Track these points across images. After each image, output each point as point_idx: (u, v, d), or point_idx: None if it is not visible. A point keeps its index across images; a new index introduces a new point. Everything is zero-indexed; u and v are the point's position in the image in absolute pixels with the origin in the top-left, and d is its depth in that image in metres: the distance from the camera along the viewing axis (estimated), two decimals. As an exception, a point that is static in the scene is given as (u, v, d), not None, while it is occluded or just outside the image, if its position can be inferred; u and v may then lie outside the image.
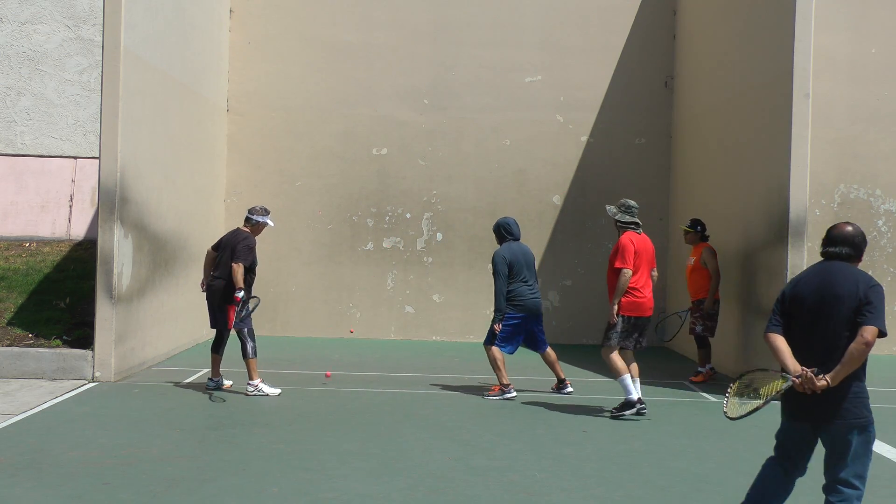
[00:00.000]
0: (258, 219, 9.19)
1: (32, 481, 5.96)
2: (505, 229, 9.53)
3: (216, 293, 9.08)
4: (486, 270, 14.11)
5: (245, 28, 14.06)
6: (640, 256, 8.33)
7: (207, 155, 13.05)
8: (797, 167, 9.47)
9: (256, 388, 8.99)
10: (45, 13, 13.62)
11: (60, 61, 13.61)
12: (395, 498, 5.82)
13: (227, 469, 6.37)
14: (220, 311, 9.11)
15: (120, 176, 9.62)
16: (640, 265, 8.33)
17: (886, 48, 13.59)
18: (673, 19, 14.11)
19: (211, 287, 9.13)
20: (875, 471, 6.85)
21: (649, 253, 8.46)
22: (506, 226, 9.54)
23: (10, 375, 9.60)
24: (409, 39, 14.12)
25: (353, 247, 14.06)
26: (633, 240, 8.36)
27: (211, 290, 9.13)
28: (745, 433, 7.95)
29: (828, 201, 13.59)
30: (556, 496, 5.96)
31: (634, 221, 8.49)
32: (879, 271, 13.56)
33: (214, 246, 9.31)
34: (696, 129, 12.94)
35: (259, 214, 9.20)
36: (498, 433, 7.70)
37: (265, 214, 9.26)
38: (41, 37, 13.61)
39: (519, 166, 14.11)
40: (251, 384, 9.00)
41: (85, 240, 13.04)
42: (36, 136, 13.62)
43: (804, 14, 9.44)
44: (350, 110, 14.09)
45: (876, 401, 9.65)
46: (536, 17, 14.13)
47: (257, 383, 9.00)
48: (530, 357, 12.44)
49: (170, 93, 11.25)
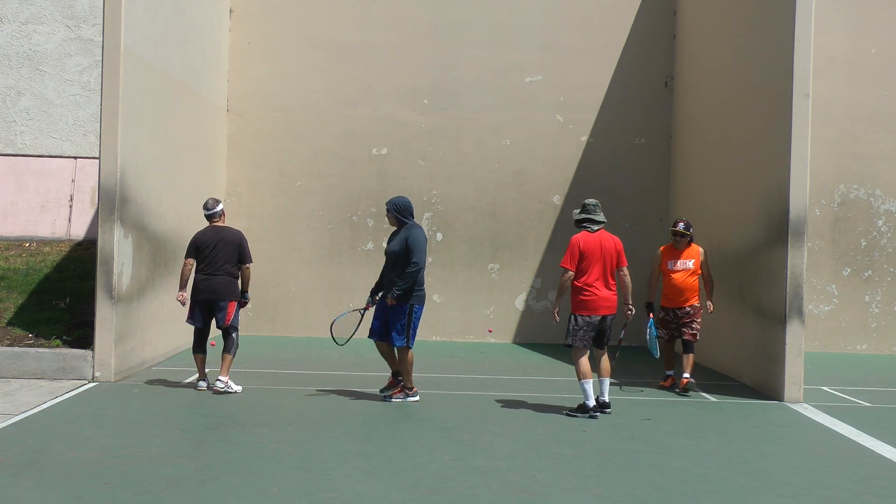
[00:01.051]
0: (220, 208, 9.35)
1: (32, 481, 5.96)
2: (409, 211, 8.91)
3: (219, 289, 9.06)
4: (487, 270, 14.13)
5: (245, 28, 14.06)
6: (589, 256, 8.29)
7: (207, 155, 13.05)
8: (797, 167, 9.47)
9: (226, 384, 9.02)
10: (45, 13, 13.62)
11: (60, 61, 13.61)
12: (395, 498, 5.82)
13: (227, 469, 6.37)
14: (218, 308, 9.10)
15: (120, 176, 9.62)
16: (589, 264, 8.29)
17: (886, 48, 13.60)
18: (673, 19, 14.11)
19: (210, 283, 9.06)
20: (875, 471, 6.86)
21: (607, 251, 8.36)
22: (410, 206, 8.94)
23: (10, 375, 9.60)
24: (409, 39, 14.12)
25: (353, 247, 14.06)
26: (581, 239, 8.36)
27: (210, 286, 9.06)
28: (745, 433, 7.96)
29: (828, 201, 13.60)
30: (556, 496, 5.96)
31: (588, 219, 8.45)
32: (879, 271, 13.57)
33: (193, 252, 9.16)
34: (696, 129, 12.94)
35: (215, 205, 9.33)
36: (498, 433, 7.70)
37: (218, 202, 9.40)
38: (41, 37, 13.61)
39: (519, 166, 14.11)
40: (222, 380, 9.00)
41: (85, 240, 13.04)
42: (36, 136, 13.62)
43: (804, 14, 9.44)
44: (350, 110, 14.10)
45: (876, 400, 9.69)
46: (536, 17, 14.13)
47: (226, 379, 9.03)
48: (531, 357, 12.44)
49: (170, 93, 11.25)
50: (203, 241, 9.15)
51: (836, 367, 11.99)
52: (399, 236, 8.84)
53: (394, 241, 8.87)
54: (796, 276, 9.48)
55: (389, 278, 8.87)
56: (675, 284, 9.84)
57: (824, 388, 10.28)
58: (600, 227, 8.46)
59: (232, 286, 9.11)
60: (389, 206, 8.89)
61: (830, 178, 13.57)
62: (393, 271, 8.82)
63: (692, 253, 9.90)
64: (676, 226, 9.91)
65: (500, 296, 14.05)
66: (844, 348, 13.51)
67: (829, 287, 13.56)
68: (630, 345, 9.82)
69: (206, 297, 9.08)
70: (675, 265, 9.85)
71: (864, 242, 13.59)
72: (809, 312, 13.30)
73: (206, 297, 9.08)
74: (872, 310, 13.56)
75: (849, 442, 7.78)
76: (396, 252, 8.77)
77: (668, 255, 9.95)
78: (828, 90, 13.35)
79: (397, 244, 8.79)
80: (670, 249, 9.97)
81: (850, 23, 13.57)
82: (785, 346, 9.43)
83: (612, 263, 8.38)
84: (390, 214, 8.89)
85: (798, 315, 9.45)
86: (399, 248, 8.75)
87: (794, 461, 7.08)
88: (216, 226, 9.28)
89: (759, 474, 6.61)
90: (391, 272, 8.84)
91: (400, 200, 8.90)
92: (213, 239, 9.13)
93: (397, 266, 8.77)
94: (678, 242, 9.90)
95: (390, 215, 8.89)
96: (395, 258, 8.79)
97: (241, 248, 9.14)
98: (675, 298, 9.86)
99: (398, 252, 8.76)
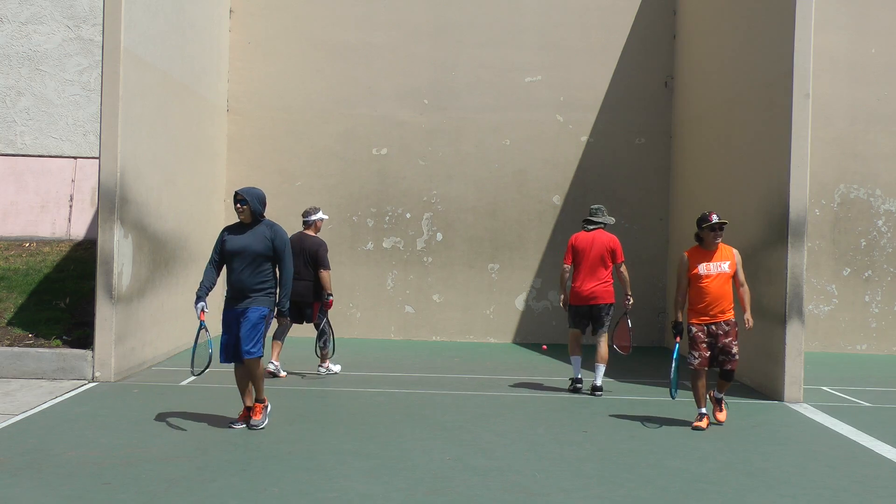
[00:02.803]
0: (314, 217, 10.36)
1: (32, 481, 5.96)
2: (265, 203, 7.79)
3: (303, 292, 10.07)
4: (487, 270, 14.13)
5: (245, 28, 14.06)
6: (580, 252, 9.42)
7: (207, 155, 13.05)
8: (797, 167, 9.47)
9: (328, 369, 10.38)
10: (45, 13, 13.62)
11: (60, 61, 13.61)
12: (395, 498, 5.82)
13: (227, 469, 6.37)
14: (308, 306, 10.15)
15: (120, 176, 9.62)
16: (580, 260, 9.44)
17: (886, 48, 13.60)
18: (673, 19, 14.11)
19: (296, 287, 9.89)
20: (875, 471, 6.86)
21: (598, 248, 9.40)
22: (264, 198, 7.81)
23: (10, 375, 9.60)
24: (409, 39, 14.12)
25: (353, 247, 14.07)
26: (575, 237, 9.58)
27: (296, 290, 9.92)
28: (745, 433, 7.95)
29: (828, 201, 13.60)
30: (556, 496, 5.96)
31: (587, 219, 9.66)
32: (879, 271, 13.57)
33: None
34: (696, 129, 12.94)
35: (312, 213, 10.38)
36: (498, 433, 7.70)
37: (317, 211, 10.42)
38: (41, 37, 13.61)
39: (519, 166, 14.12)
40: (323, 366, 10.38)
41: (85, 240, 13.04)
42: (36, 136, 13.62)
43: (804, 14, 9.44)
44: (350, 110, 14.10)
45: (876, 400, 9.69)
46: (536, 17, 14.13)
47: (327, 364, 10.38)
48: (531, 357, 12.44)
49: (170, 93, 11.26)
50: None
51: (836, 367, 11.99)
52: (256, 233, 7.57)
53: (248, 238, 7.54)
54: (796, 276, 9.49)
55: (241, 283, 7.52)
56: (710, 293, 8.02)
57: (824, 388, 10.28)
58: (597, 227, 9.52)
59: (313, 289, 10.11)
60: (248, 196, 7.58)
61: (830, 178, 13.57)
62: (248, 275, 7.52)
63: (726, 254, 8.14)
64: (710, 218, 8.06)
65: (500, 296, 14.06)
66: (844, 348, 13.51)
67: (829, 287, 13.56)
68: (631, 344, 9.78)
69: (294, 299, 9.86)
70: (709, 269, 8.06)
71: (864, 242, 13.59)
72: (809, 312, 13.30)
73: (294, 299, 9.86)
74: (872, 310, 13.56)
75: (849, 442, 7.78)
76: (259, 252, 7.51)
77: (698, 258, 8.13)
78: (828, 90, 13.36)
79: (259, 243, 7.52)
80: (698, 252, 8.15)
81: (850, 23, 13.58)
82: (785, 346, 9.43)
83: (604, 259, 9.42)
84: (246, 206, 7.57)
85: (798, 315, 9.45)
86: (264, 248, 7.51)
87: (794, 461, 7.08)
88: (303, 233, 10.29)
89: (759, 474, 6.61)
90: (245, 275, 7.51)
91: (260, 192, 7.70)
92: (298, 247, 10.04)
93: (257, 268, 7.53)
94: (711, 241, 8.09)
95: (245, 207, 7.57)
96: (254, 258, 7.51)
97: (316, 255, 10.09)
98: (711, 311, 8.06)
99: (261, 252, 7.51)
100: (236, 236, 7.62)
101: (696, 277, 8.05)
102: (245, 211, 7.60)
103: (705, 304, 8.02)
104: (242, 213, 7.62)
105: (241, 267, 7.53)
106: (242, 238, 7.58)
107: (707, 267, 8.02)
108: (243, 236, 7.59)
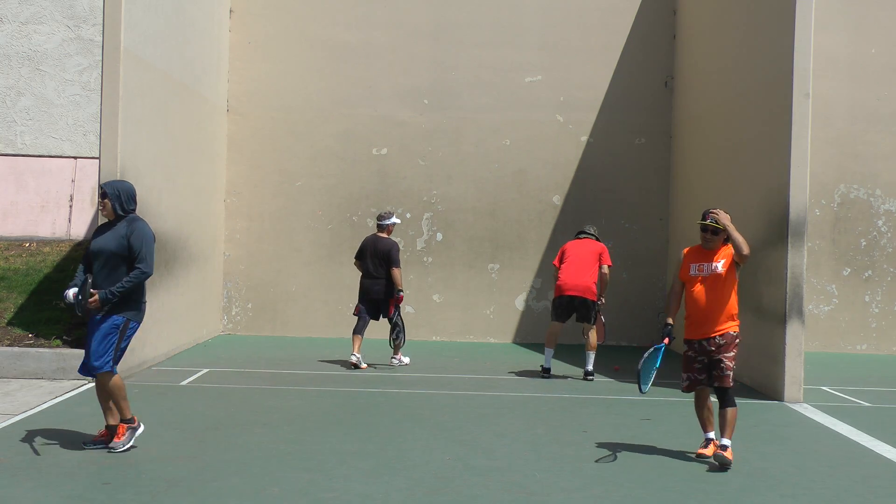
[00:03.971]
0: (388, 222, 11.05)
1: (32, 481, 5.96)
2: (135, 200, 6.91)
3: (379, 291, 10.87)
4: (487, 270, 14.13)
5: (245, 28, 14.06)
6: (569, 256, 10.63)
7: (207, 155, 13.05)
8: (797, 167, 9.47)
9: (400, 360, 11.13)
10: (45, 13, 13.62)
11: (60, 61, 13.61)
12: (395, 498, 5.82)
13: (227, 469, 6.37)
14: (383, 303, 10.89)
15: (120, 176, 9.61)
16: (567, 259, 10.62)
17: (886, 48, 13.60)
18: (673, 19, 14.11)
19: (372, 287, 10.87)
20: (875, 471, 6.86)
21: (584, 252, 10.60)
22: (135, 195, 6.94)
23: (10, 375, 9.60)
24: (409, 39, 14.12)
25: (353, 247, 14.00)
26: (567, 244, 10.88)
27: (373, 289, 10.87)
28: (745, 433, 7.95)
29: (828, 201, 13.60)
30: (556, 496, 5.96)
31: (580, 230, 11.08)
32: (879, 271, 13.57)
33: (358, 255, 11.12)
34: (696, 129, 12.94)
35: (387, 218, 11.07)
36: (498, 433, 7.70)
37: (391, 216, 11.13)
38: (41, 37, 13.61)
39: (519, 166, 14.11)
40: (395, 358, 11.12)
41: (85, 240, 13.04)
42: (36, 136, 13.62)
43: (804, 14, 9.44)
44: (350, 110, 14.10)
45: (876, 400, 9.69)
46: (536, 17, 14.13)
47: (399, 356, 11.14)
48: (531, 357, 12.44)
49: (170, 93, 11.25)
50: (363, 247, 11.09)
51: (836, 367, 11.99)
52: (114, 231, 6.74)
53: (106, 237, 6.72)
54: (796, 276, 9.49)
55: (98, 287, 6.66)
56: (699, 301, 6.88)
57: (824, 388, 10.28)
58: (586, 237, 10.82)
59: (387, 287, 10.86)
60: (110, 190, 6.76)
61: (830, 178, 13.57)
62: (103, 278, 6.66)
63: (725, 255, 6.93)
64: (706, 217, 6.91)
65: (500, 296, 14.05)
66: (844, 348, 13.51)
67: (829, 287, 13.56)
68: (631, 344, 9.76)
69: (371, 297, 10.90)
70: (701, 269, 6.91)
71: (864, 242, 13.59)
72: (809, 312, 13.30)
73: (371, 297, 10.90)
74: (872, 310, 13.56)
75: (849, 442, 7.78)
76: (113, 251, 6.65)
77: (693, 257, 7.01)
78: (828, 90, 13.35)
79: (113, 241, 6.67)
80: (698, 251, 7.04)
81: (850, 23, 13.58)
82: (785, 346, 9.43)
83: (590, 261, 10.54)
84: (109, 201, 6.76)
85: (798, 315, 9.45)
86: (117, 248, 6.64)
87: (794, 461, 7.08)
88: (377, 235, 11.04)
89: (759, 474, 6.61)
90: (100, 279, 6.67)
91: (127, 186, 6.86)
92: (371, 248, 10.95)
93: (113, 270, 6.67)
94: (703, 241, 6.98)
95: (109, 202, 6.76)
96: (108, 259, 6.67)
97: (388, 255, 10.83)
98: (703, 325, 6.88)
99: (115, 251, 6.65)
100: (98, 236, 6.79)
101: (688, 280, 6.96)
102: (106, 206, 6.76)
103: (696, 316, 6.91)
104: (104, 209, 6.77)
105: (98, 269, 6.67)
106: (101, 238, 6.74)
107: (699, 267, 6.89)
108: (103, 236, 6.75)
